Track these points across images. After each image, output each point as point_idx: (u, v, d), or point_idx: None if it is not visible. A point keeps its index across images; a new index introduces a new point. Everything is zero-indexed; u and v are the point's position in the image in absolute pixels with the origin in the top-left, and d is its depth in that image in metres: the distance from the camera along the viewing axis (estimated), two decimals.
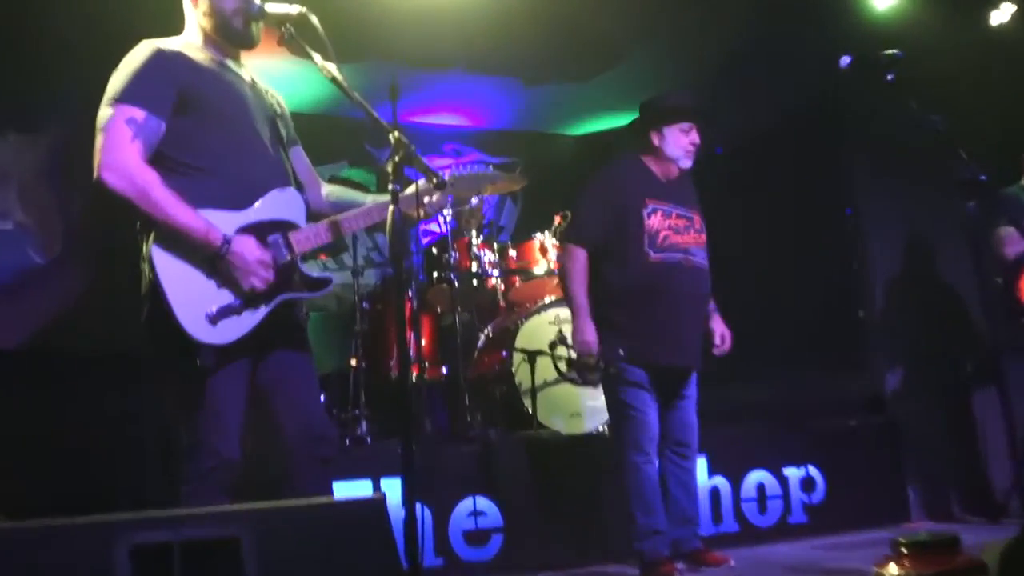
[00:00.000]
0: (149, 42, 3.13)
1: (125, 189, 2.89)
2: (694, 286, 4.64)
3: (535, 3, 6.31)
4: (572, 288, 4.57)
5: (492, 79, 8.07)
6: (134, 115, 2.96)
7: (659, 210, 4.61)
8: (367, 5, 6.04)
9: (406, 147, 2.93)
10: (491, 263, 6.59)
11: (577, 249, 4.60)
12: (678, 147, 4.69)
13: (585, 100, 8.65)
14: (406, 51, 6.97)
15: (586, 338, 4.48)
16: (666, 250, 4.56)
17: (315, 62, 3.11)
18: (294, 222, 3.18)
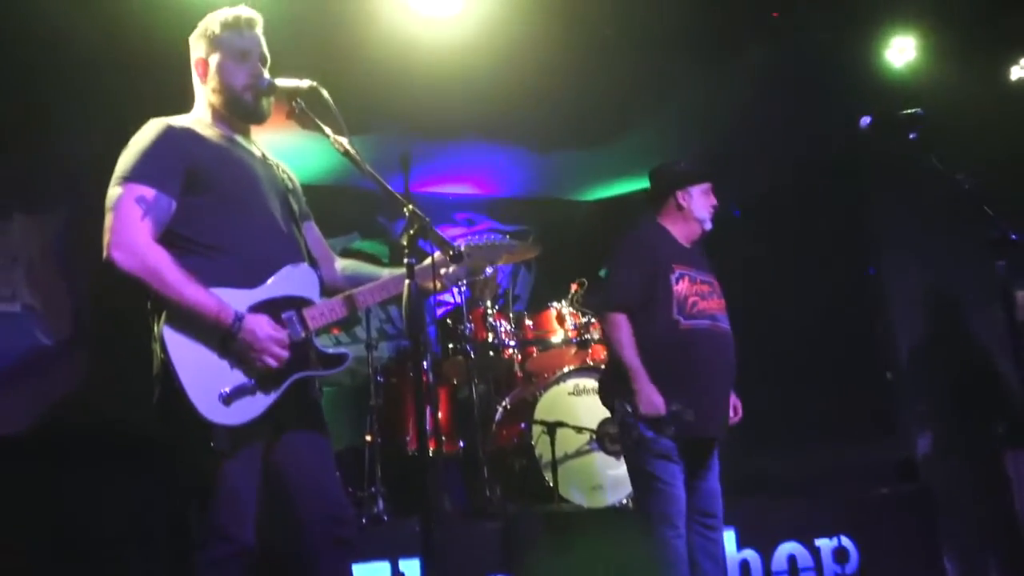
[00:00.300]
0: (158, 120, 3.14)
1: (135, 268, 2.87)
2: (723, 353, 4.60)
3: (546, 72, 6.36)
4: (624, 355, 4.47)
5: (503, 147, 8.12)
6: (144, 194, 2.95)
7: (685, 275, 4.59)
8: (377, 76, 6.10)
9: (421, 220, 2.91)
10: (507, 333, 6.57)
11: (618, 316, 4.54)
12: (703, 208, 4.72)
13: (599, 165, 8.69)
14: (417, 121, 7.03)
15: (653, 399, 4.38)
16: (695, 316, 4.53)
17: (326, 135, 3.11)
18: (308, 298, 3.15)
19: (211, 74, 3.26)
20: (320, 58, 5.33)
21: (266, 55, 3.32)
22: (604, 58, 6.37)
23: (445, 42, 5.94)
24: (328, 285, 3.38)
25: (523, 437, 6.00)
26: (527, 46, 6.05)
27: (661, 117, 7.46)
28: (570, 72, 6.47)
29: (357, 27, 5.77)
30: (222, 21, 3.28)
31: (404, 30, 5.81)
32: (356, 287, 3.28)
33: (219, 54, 3.25)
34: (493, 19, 5.87)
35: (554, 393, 6.08)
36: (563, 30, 6.02)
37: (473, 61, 6.11)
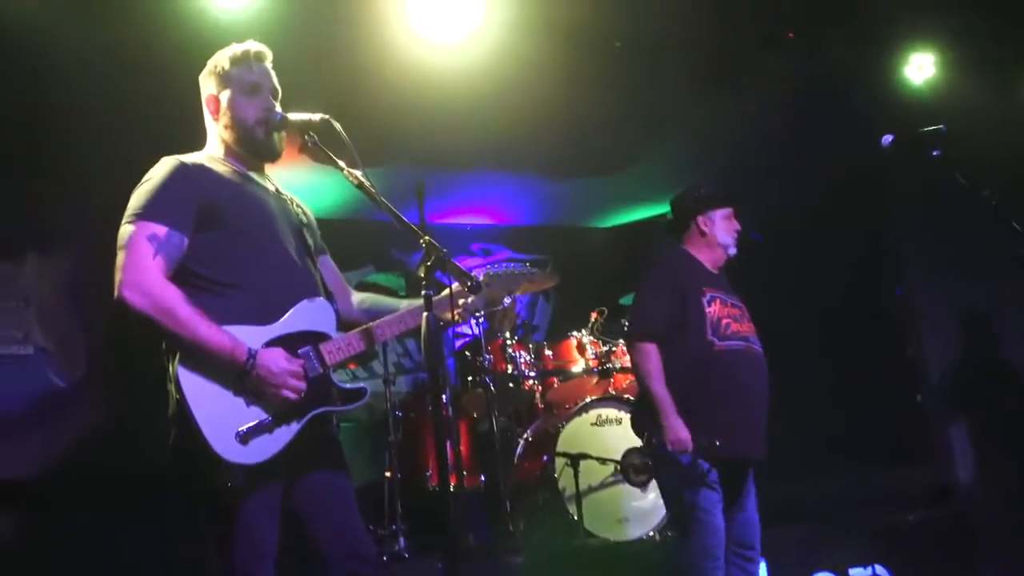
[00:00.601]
0: (171, 158, 3.15)
1: (147, 307, 2.87)
2: (758, 374, 4.57)
3: (557, 98, 6.38)
4: (652, 386, 4.45)
5: (518, 176, 8.14)
6: (156, 231, 2.96)
7: (717, 298, 4.58)
8: (389, 108, 6.13)
9: (438, 251, 2.91)
10: (527, 364, 6.55)
11: (646, 345, 4.52)
12: (726, 233, 4.72)
13: (614, 192, 8.70)
14: (430, 152, 7.06)
15: (680, 435, 4.34)
16: (729, 338, 4.51)
17: (340, 169, 3.12)
18: (325, 333, 3.14)
19: (222, 110, 3.28)
20: (331, 90, 5.38)
21: (277, 88, 3.34)
22: (616, 83, 6.39)
23: (456, 71, 5.98)
24: (345, 319, 3.38)
25: (546, 470, 5.95)
26: (537, 73, 6.07)
27: (675, 142, 7.46)
28: (582, 98, 6.49)
29: (367, 58, 5.83)
30: (231, 57, 3.30)
31: (415, 60, 5.86)
32: (373, 320, 3.27)
33: (229, 90, 3.27)
34: (503, 46, 5.91)
35: (576, 424, 6.04)
36: (573, 56, 6.05)
37: (485, 90, 6.14)
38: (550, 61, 6.02)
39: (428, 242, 2.93)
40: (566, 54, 6.01)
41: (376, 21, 5.63)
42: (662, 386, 4.43)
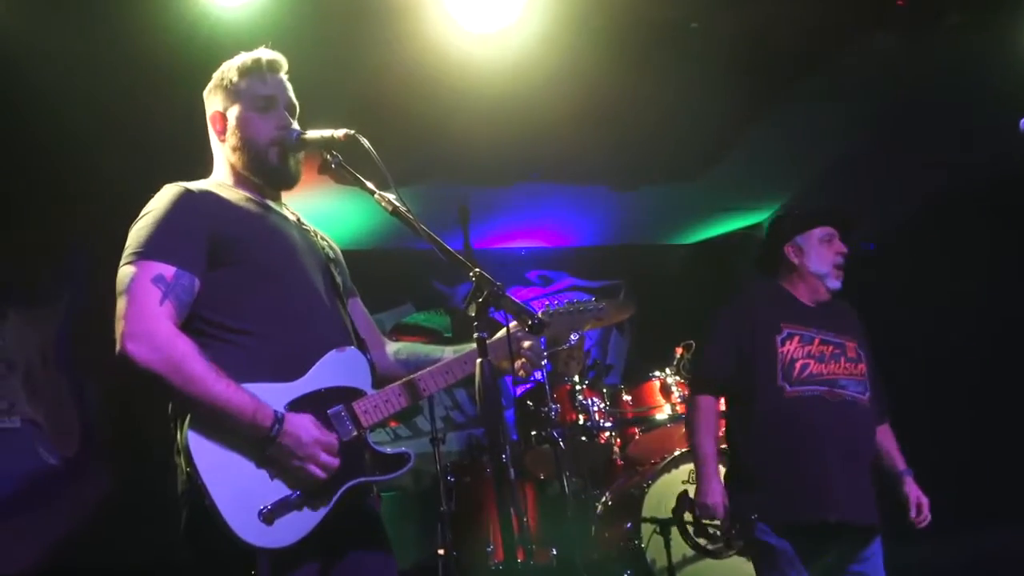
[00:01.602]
0: (174, 185, 3.17)
1: (154, 363, 2.88)
2: (844, 423, 4.52)
3: (624, 95, 6.38)
4: (698, 439, 4.61)
5: (578, 187, 8.14)
6: (162, 272, 2.97)
7: (796, 335, 4.59)
8: (423, 117, 6.18)
9: (490, 285, 2.87)
10: (602, 413, 6.51)
11: (704, 398, 4.66)
12: (822, 261, 4.70)
13: (694, 201, 8.67)
14: (473, 166, 7.10)
15: (707, 500, 4.49)
16: (805, 382, 4.51)
17: (370, 192, 3.13)
18: (359, 388, 3.13)
19: (231, 129, 3.31)
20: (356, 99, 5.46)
21: (294, 102, 3.36)
22: (692, 73, 6.37)
23: (499, 67, 6.00)
24: (380, 374, 3.37)
25: (630, 539, 5.90)
26: (596, 64, 6.07)
27: (764, 140, 7.43)
28: (653, 92, 6.48)
29: (397, 59, 5.87)
30: (240, 67, 3.33)
31: (451, 56, 5.88)
32: (413, 374, 3.28)
33: (239, 105, 3.30)
34: (555, 34, 5.90)
35: (665, 483, 5.99)
36: (639, 42, 6.04)
37: (535, 88, 6.16)
38: (612, 49, 6.02)
39: (478, 274, 2.90)
40: (632, 40, 6.01)
41: (405, 14, 5.65)
42: (708, 439, 4.58)
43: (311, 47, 5.08)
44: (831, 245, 4.72)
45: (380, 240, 7.76)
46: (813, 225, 4.73)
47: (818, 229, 4.73)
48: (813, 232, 4.72)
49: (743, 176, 7.93)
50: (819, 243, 4.71)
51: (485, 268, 2.97)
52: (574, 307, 3.56)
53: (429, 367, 3.27)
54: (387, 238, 7.68)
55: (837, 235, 4.75)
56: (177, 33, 5.21)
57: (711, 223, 9.25)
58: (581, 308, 3.57)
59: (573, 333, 3.63)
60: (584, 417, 6.46)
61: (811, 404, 4.49)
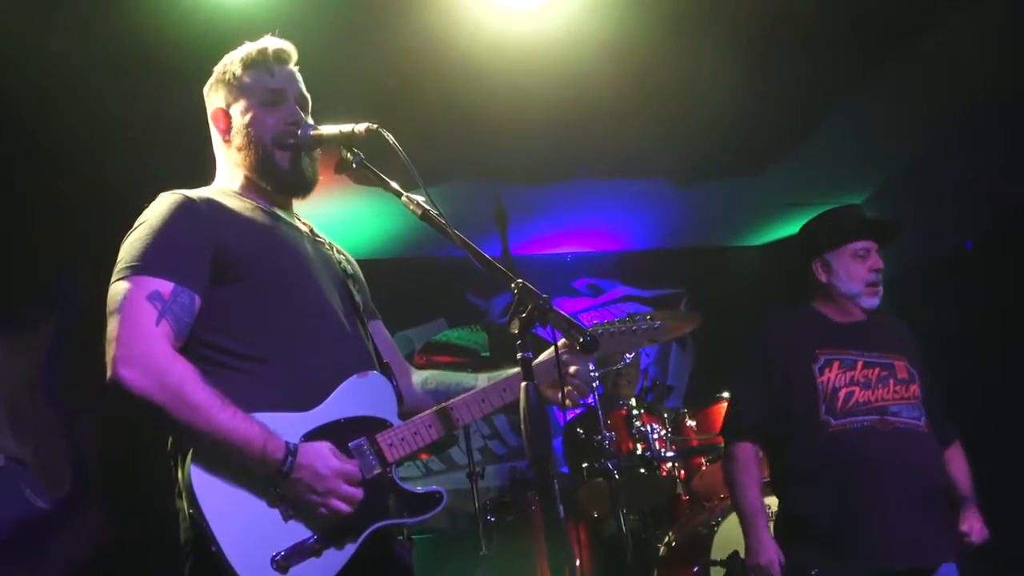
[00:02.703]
0: (172, 193, 3.19)
1: (150, 390, 2.89)
2: (902, 454, 4.51)
3: (681, 77, 6.36)
4: (740, 493, 4.66)
5: (630, 184, 8.15)
6: (158, 288, 2.98)
7: (835, 360, 4.60)
8: (452, 106, 6.19)
9: (535, 298, 2.85)
10: (662, 441, 6.49)
11: (741, 447, 4.70)
12: (853, 279, 4.68)
13: (765, 196, 8.65)
14: (511, 161, 7.10)
15: (760, 560, 4.50)
16: (852, 413, 4.52)
17: (396, 194, 3.12)
18: (383, 419, 3.15)
19: (235, 128, 3.34)
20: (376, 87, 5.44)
21: (305, 96, 3.39)
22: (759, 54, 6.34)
23: (541, 46, 5.99)
24: (407, 406, 3.37)
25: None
26: (649, 40, 6.06)
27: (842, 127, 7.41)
28: (714, 75, 6.45)
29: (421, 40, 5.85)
30: (244, 59, 3.36)
31: (486, 35, 5.86)
32: (446, 400, 3.28)
33: (243, 101, 3.33)
34: (604, 8, 5.86)
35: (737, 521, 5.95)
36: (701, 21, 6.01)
37: (579, 70, 6.15)
38: (670, 25, 5.99)
39: (521, 286, 2.87)
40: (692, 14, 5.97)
41: None
42: (753, 493, 4.62)
43: (324, 31, 5.12)
44: (865, 260, 4.69)
45: (406, 248, 7.79)
46: (845, 241, 4.71)
47: (851, 244, 4.71)
48: (845, 248, 4.71)
49: (819, 168, 7.90)
50: (851, 259, 4.70)
51: (526, 277, 2.95)
52: (627, 324, 3.53)
53: (467, 393, 3.28)
54: (414, 245, 7.71)
55: (875, 248, 4.73)
56: (171, 20, 5.20)
57: (783, 221, 9.21)
58: (635, 325, 3.55)
59: (628, 352, 3.63)
60: (642, 446, 6.44)
61: (861, 437, 4.50)
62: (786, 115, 7.18)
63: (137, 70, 5.31)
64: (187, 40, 5.04)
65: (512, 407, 2.97)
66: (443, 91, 6.16)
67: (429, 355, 7.06)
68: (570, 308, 9.05)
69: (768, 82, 6.65)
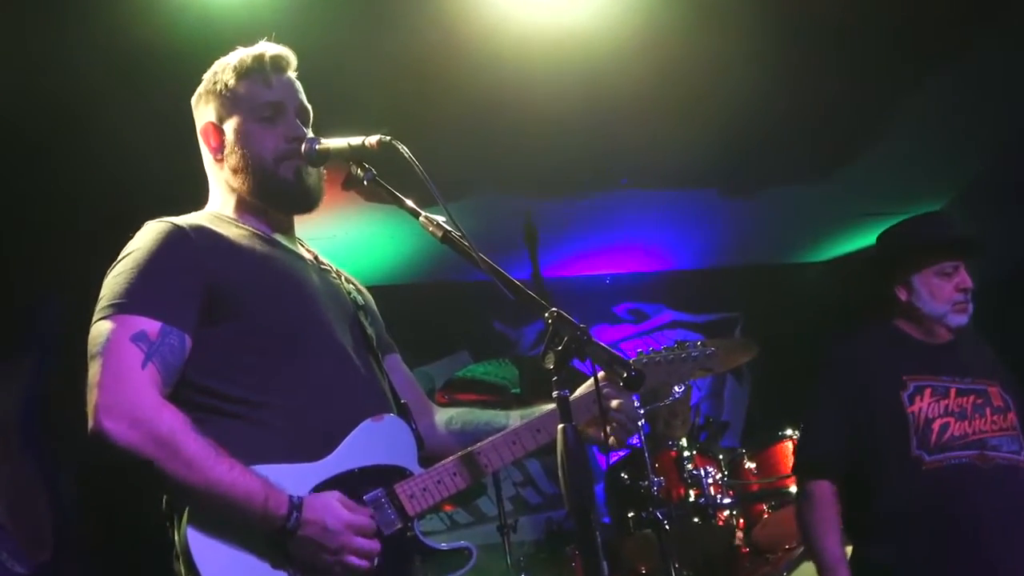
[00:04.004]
0: (158, 221, 3.21)
1: (136, 442, 2.89)
2: (1004, 495, 4.49)
3: (731, 74, 6.37)
4: (817, 538, 4.61)
5: (676, 196, 8.16)
6: (144, 328, 2.99)
7: (927, 387, 4.58)
8: (473, 115, 6.20)
9: (571, 328, 2.85)
10: (718, 486, 6.47)
11: (817, 485, 4.66)
12: (938, 299, 4.67)
13: (829, 206, 8.65)
14: (540, 172, 7.11)
15: None
16: (947, 448, 4.49)
17: (414, 214, 3.12)
18: (402, 467, 3.16)
19: (229, 145, 3.34)
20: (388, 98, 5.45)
21: (306, 106, 3.40)
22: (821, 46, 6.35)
23: (573, 42, 6.00)
24: (429, 450, 3.38)
25: None
26: (701, 37, 6.08)
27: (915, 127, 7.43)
28: (770, 71, 6.47)
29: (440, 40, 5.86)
30: (237, 67, 3.37)
31: (511, 31, 5.87)
32: (474, 444, 3.28)
33: (238, 115, 3.34)
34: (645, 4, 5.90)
35: (807, 573, 5.95)
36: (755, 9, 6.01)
37: (618, 71, 6.15)
38: (720, 14, 6.01)
39: (556, 316, 2.87)
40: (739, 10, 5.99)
41: None
42: (832, 540, 4.57)
43: (328, 31, 5.13)
44: (951, 279, 4.67)
45: (424, 272, 7.81)
46: (927, 263, 4.69)
47: (939, 262, 4.69)
48: (932, 267, 4.69)
49: (892, 172, 7.89)
50: (936, 277, 4.68)
51: (559, 302, 2.95)
52: (676, 352, 3.54)
53: (495, 436, 3.28)
54: (433, 269, 7.72)
55: (962, 265, 4.71)
56: (157, 21, 5.19)
57: (852, 234, 9.21)
58: (685, 353, 3.55)
59: (676, 386, 3.62)
60: (695, 492, 6.42)
61: (959, 476, 4.48)
62: (852, 114, 7.18)
63: (121, 77, 5.31)
64: (176, 43, 5.04)
65: (547, 449, 2.98)
66: (463, 94, 6.17)
67: (452, 393, 7.06)
68: (610, 337, 9.06)
69: (831, 77, 6.65)
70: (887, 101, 7.11)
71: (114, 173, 5.42)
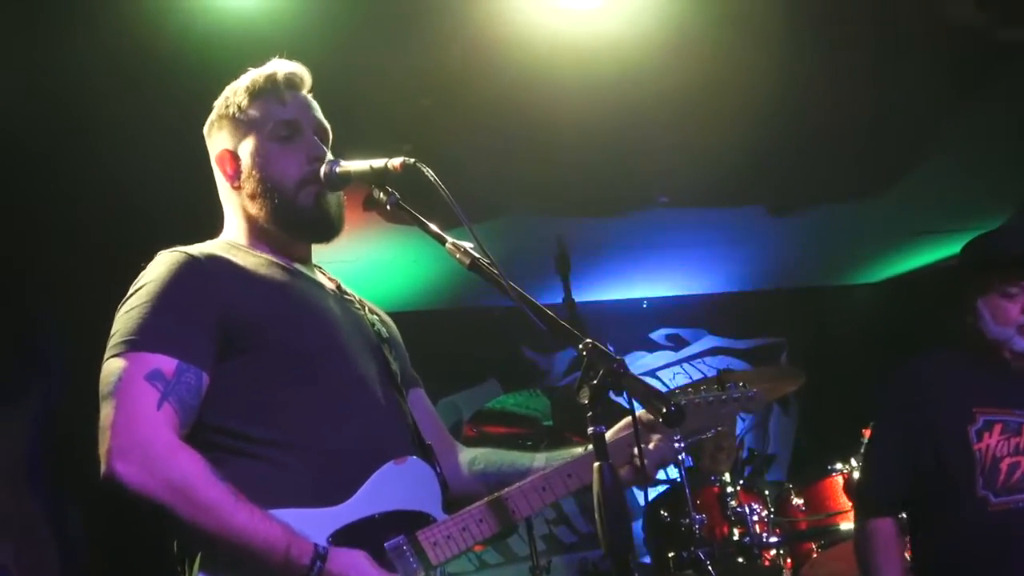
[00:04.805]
0: (172, 251, 3.21)
1: (151, 487, 2.88)
2: None
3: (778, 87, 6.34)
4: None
5: (718, 214, 8.15)
6: (159, 366, 2.99)
7: (997, 423, 4.53)
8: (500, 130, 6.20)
9: (608, 362, 2.83)
10: (764, 524, 6.46)
11: (878, 523, 4.62)
12: (1003, 323, 4.61)
13: (883, 223, 8.62)
14: (572, 190, 7.10)
15: None
16: (1015, 490, 4.46)
17: (436, 237, 3.11)
18: (425, 512, 3.14)
19: (246, 171, 3.34)
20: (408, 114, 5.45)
21: (324, 125, 3.41)
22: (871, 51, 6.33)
23: (608, 52, 5.97)
24: (453, 492, 3.36)
25: None
26: (745, 43, 6.06)
27: (974, 138, 7.40)
28: (817, 77, 6.46)
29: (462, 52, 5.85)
30: (250, 88, 3.38)
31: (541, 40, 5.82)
32: (496, 488, 3.27)
33: (253, 137, 3.34)
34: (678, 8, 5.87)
35: None
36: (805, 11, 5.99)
37: (655, 82, 6.15)
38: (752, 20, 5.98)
39: (591, 347, 2.85)
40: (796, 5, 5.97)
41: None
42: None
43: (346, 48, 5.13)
44: (1016, 300, 4.63)
45: (449, 297, 7.82)
46: (991, 283, 4.65)
47: (998, 283, 4.65)
48: (992, 288, 4.65)
49: (945, 188, 7.86)
50: (1000, 299, 4.63)
51: (593, 327, 2.94)
52: (715, 394, 3.52)
53: (525, 481, 3.27)
54: (459, 294, 7.73)
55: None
56: (165, 39, 5.18)
57: (904, 253, 9.18)
58: (725, 395, 3.54)
59: (719, 426, 3.61)
60: (740, 530, 6.41)
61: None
62: (905, 126, 7.15)
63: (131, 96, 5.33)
64: (191, 56, 5.05)
65: (580, 490, 2.96)
66: (489, 110, 6.16)
67: (480, 425, 7.07)
68: (646, 364, 9.04)
69: (881, 89, 6.63)
70: (942, 112, 7.07)
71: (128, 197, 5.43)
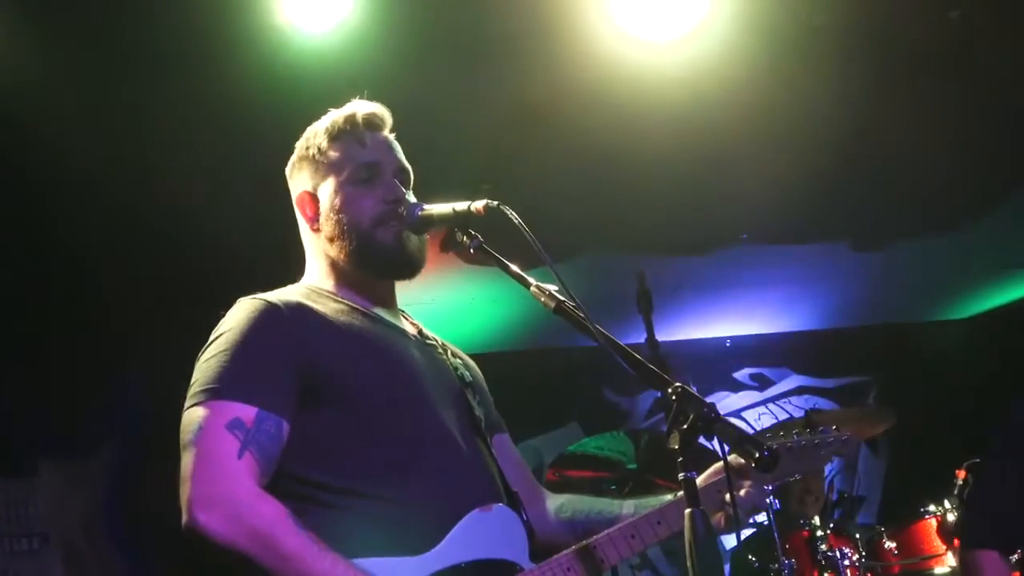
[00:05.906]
0: (252, 298, 3.23)
1: (234, 537, 2.89)
2: None
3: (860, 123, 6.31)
4: None
5: (802, 251, 8.11)
6: (240, 415, 3.01)
7: None
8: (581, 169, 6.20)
9: (698, 406, 2.80)
10: (855, 568, 6.38)
11: (985, 556, 4.51)
12: None
13: (970, 258, 8.55)
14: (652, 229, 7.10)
15: None
16: None
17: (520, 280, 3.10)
18: (512, 562, 3.13)
19: (325, 212, 3.36)
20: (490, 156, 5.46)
21: (405, 166, 3.41)
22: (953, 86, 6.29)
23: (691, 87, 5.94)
24: (540, 539, 3.34)
25: None
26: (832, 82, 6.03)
27: None
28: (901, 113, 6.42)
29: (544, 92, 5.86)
30: (329, 129, 3.39)
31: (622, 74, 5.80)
32: (583, 536, 3.25)
33: (333, 179, 3.36)
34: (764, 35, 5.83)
35: None
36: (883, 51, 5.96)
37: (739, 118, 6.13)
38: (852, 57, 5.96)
39: (680, 392, 2.82)
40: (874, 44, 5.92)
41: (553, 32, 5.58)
42: None
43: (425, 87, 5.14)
44: None
45: (529, 338, 7.81)
46: None
47: None
48: None
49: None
50: None
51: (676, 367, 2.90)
52: (807, 438, 3.50)
53: (613, 528, 3.25)
54: (539, 335, 7.71)
55: None
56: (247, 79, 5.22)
57: (995, 288, 9.09)
58: (818, 440, 3.51)
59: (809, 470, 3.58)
60: (831, 575, 6.34)
61: None
62: (993, 157, 7.08)
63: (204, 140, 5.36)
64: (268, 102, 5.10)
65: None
66: (569, 147, 6.17)
67: (562, 470, 7.04)
68: (732, 405, 9.00)
69: (966, 119, 6.57)
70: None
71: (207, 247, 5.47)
